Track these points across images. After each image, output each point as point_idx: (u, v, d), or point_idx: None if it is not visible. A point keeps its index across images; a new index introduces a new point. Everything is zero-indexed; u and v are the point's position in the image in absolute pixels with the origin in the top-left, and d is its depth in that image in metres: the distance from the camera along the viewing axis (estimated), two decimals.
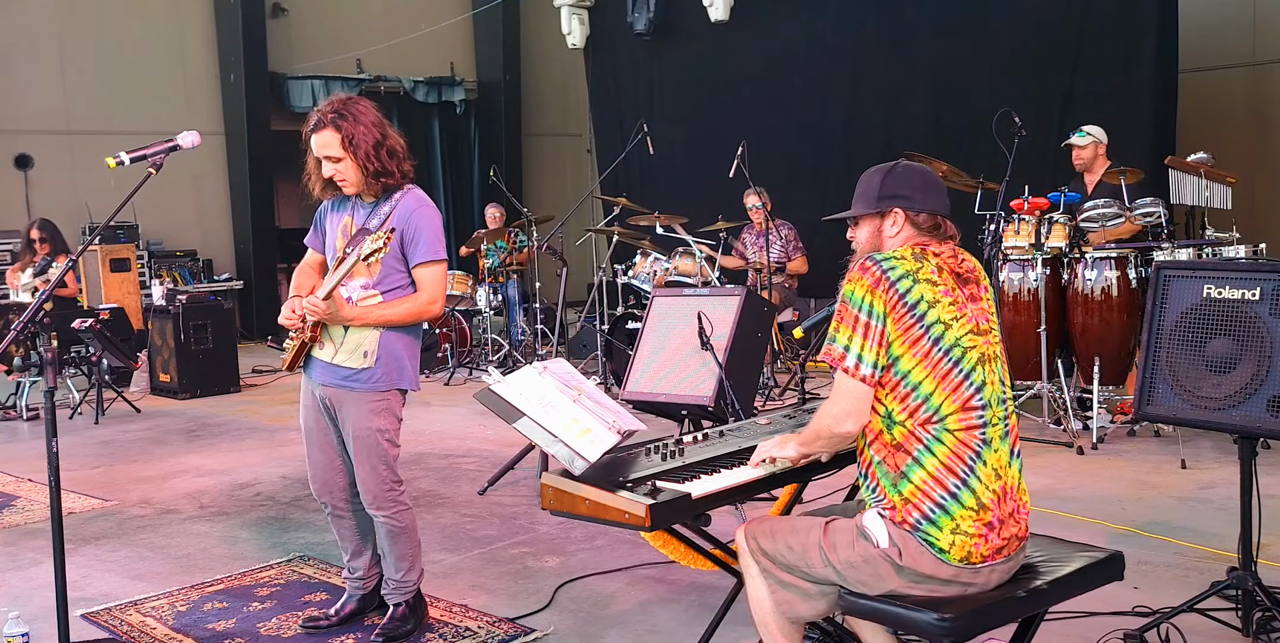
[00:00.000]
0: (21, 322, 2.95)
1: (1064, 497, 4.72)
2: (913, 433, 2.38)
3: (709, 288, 6.90)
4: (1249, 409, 3.02)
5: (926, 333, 2.37)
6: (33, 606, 3.83)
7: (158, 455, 6.48)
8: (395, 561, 3.49)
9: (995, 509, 2.38)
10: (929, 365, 2.37)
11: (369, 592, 3.63)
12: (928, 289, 2.39)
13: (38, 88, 11.03)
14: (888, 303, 2.36)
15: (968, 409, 2.39)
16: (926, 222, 2.51)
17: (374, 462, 3.37)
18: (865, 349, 2.36)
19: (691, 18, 10.21)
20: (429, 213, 3.33)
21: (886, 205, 2.52)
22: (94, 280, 9.72)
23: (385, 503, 3.41)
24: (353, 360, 3.33)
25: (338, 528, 3.59)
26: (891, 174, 2.55)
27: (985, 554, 2.37)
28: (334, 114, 3.25)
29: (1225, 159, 6.30)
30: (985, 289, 2.54)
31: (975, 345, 2.43)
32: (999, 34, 8.47)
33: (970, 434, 2.39)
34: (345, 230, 3.39)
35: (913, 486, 2.37)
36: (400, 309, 3.31)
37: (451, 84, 13.87)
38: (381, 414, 3.36)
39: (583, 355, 8.97)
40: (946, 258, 2.49)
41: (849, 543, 2.43)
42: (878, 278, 2.38)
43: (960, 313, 2.42)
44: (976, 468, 2.38)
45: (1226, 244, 5.63)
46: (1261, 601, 3.12)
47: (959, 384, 2.39)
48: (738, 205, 8.32)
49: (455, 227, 13.87)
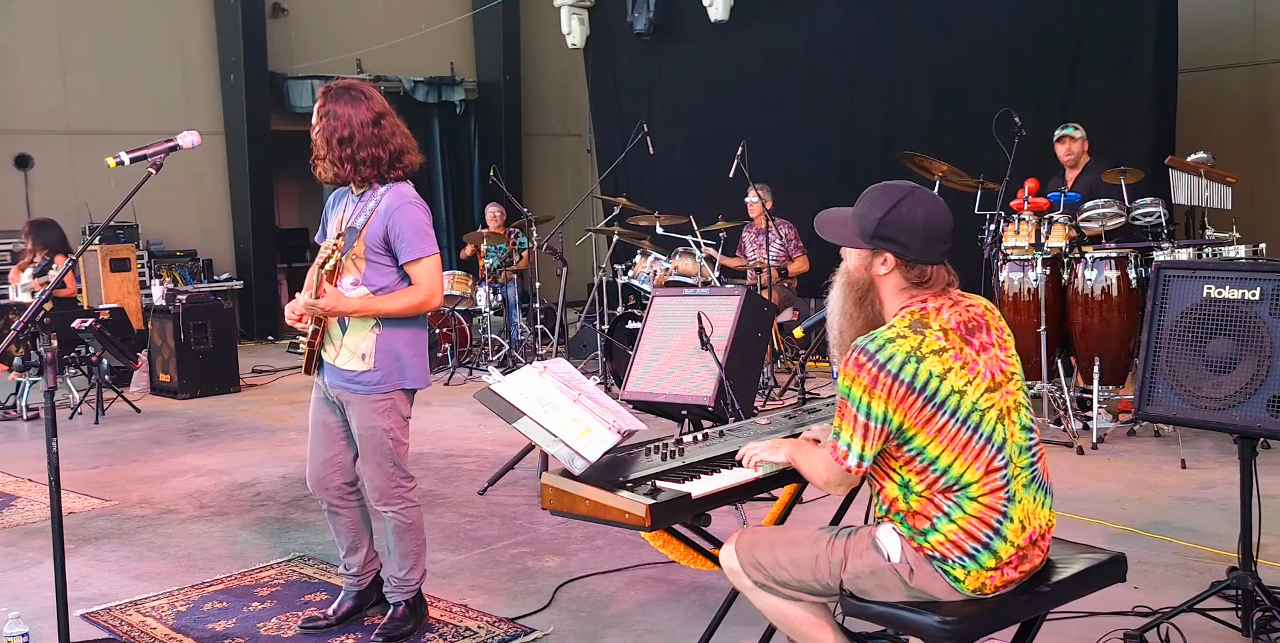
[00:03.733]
0: (21, 322, 2.95)
1: (1064, 497, 4.69)
2: (931, 501, 2.33)
3: (709, 288, 6.90)
4: (1249, 409, 3.01)
5: (941, 409, 2.27)
6: (33, 606, 3.83)
7: (158, 455, 6.48)
8: (399, 558, 3.49)
9: (1019, 555, 2.35)
10: (946, 439, 2.28)
11: (365, 589, 3.63)
12: (935, 364, 2.27)
13: (38, 88, 11.02)
14: (891, 398, 2.26)
15: (990, 472, 2.31)
16: (917, 276, 2.37)
17: (380, 459, 3.38)
18: (867, 448, 2.30)
19: (691, 18, 10.21)
20: (410, 209, 3.31)
21: (880, 246, 2.38)
22: (94, 280, 9.71)
23: (393, 499, 3.42)
24: (352, 363, 3.33)
25: (334, 524, 3.59)
26: (895, 210, 2.37)
27: (999, 586, 2.36)
28: (329, 90, 3.33)
29: (1225, 159, 6.30)
30: (998, 331, 2.43)
31: (993, 403, 2.32)
32: (999, 34, 8.46)
33: (995, 498, 2.31)
34: (339, 225, 3.41)
35: (929, 543, 2.34)
36: (401, 302, 3.30)
37: (451, 84, 13.87)
38: (385, 414, 3.36)
39: (583, 355, 8.97)
40: (947, 314, 2.36)
41: (859, 552, 2.42)
42: (875, 376, 2.26)
43: (973, 374, 2.31)
44: (1003, 528, 2.32)
45: (1226, 244, 5.63)
46: (1261, 601, 3.12)
47: (980, 450, 2.30)
48: (738, 205, 8.32)
49: (455, 226, 13.87)
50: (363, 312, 3.29)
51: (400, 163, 3.36)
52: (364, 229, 3.29)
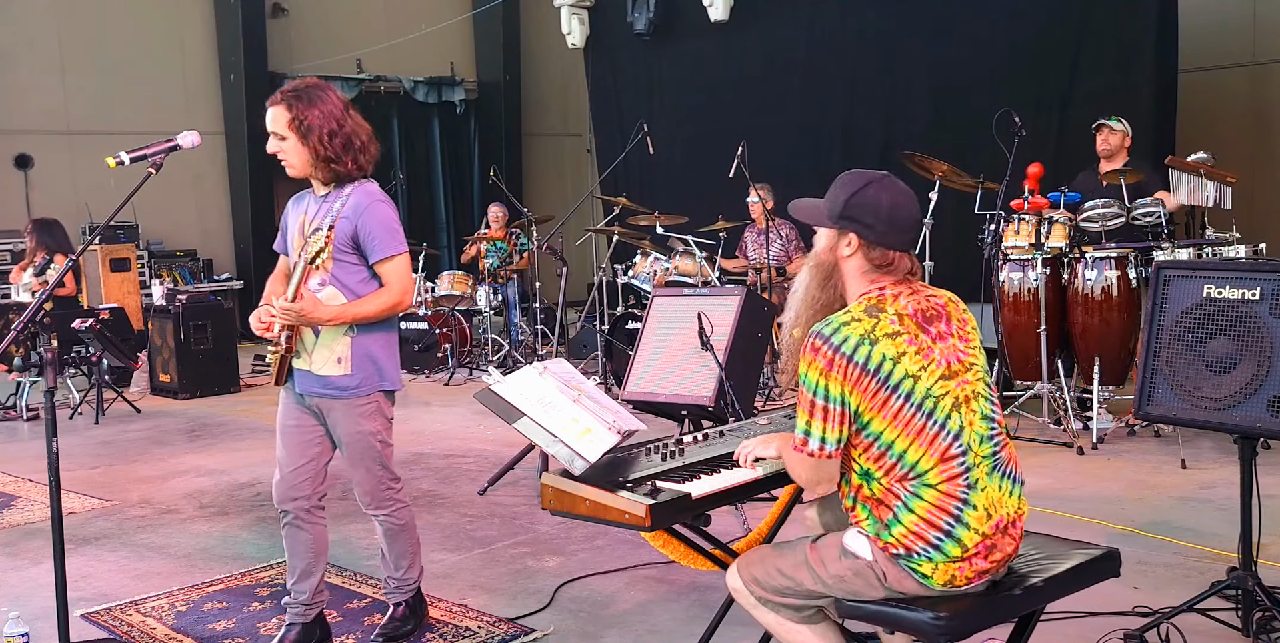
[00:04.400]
0: (21, 322, 2.95)
1: (1064, 497, 4.72)
2: (889, 490, 2.34)
3: (709, 288, 6.90)
4: (1249, 409, 3.02)
5: (895, 392, 2.29)
6: (33, 606, 3.83)
7: (158, 455, 6.48)
8: (395, 558, 3.45)
9: (985, 544, 2.35)
10: (900, 424, 2.30)
11: (310, 622, 3.42)
12: (888, 346, 2.29)
13: (38, 88, 11.03)
14: (846, 380, 2.28)
15: (947, 459, 2.32)
16: (879, 258, 2.39)
17: (368, 463, 3.33)
18: (828, 431, 2.31)
19: (691, 18, 10.21)
20: (380, 207, 3.23)
21: (845, 226, 2.42)
22: (94, 280, 9.72)
23: (383, 502, 3.38)
24: (328, 368, 3.25)
25: (293, 541, 3.40)
26: (864, 191, 2.40)
27: (970, 577, 2.36)
28: (292, 93, 3.21)
29: (1225, 159, 6.30)
30: (959, 322, 2.43)
31: (948, 391, 2.33)
32: (999, 34, 8.46)
33: (954, 485, 2.32)
34: (302, 229, 3.30)
35: (894, 537, 2.35)
36: (373, 305, 3.21)
37: (451, 84, 13.88)
38: (369, 417, 3.30)
39: (583, 355, 8.97)
40: (905, 302, 2.38)
41: (835, 558, 2.43)
42: (830, 359, 2.28)
43: (928, 360, 2.32)
44: (964, 515, 2.32)
45: (1226, 244, 5.62)
46: (1261, 601, 3.12)
47: (935, 436, 2.31)
48: (738, 205, 8.31)
49: (455, 227, 13.88)
50: (339, 319, 3.18)
51: (373, 144, 3.29)
52: (331, 230, 3.19)
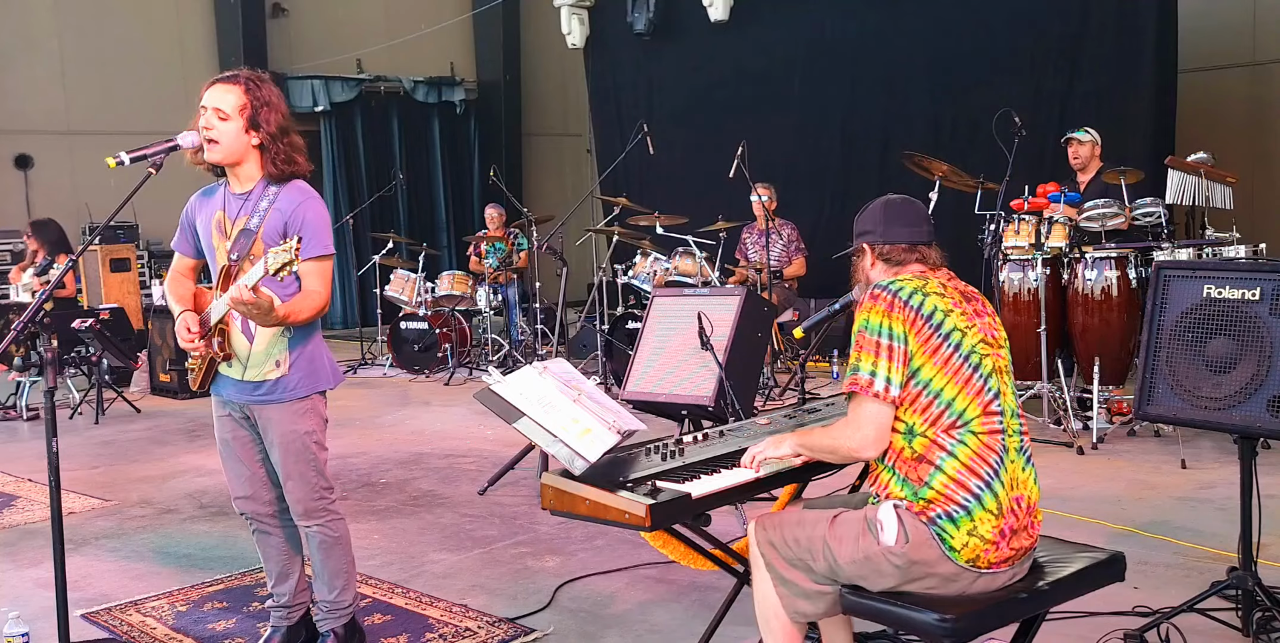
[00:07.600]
0: (21, 322, 2.94)
1: (1064, 497, 4.72)
2: (934, 441, 2.41)
3: (709, 288, 6.90)
4: (1249, 409, 3.02)
5: (946, 340, 2.43)
6: (33, 606, 3.83)
7: (158, 455, 6.48)
8: (329, 578, 3.27)
9: (1011, 518, 2.40)
10: (950, 371, 2.42)
11: (295, 624, 3.37)
12: (939, 300, 2.47)
13: (38, 88, 11.03)
14: (906, 321, 2.42)
15: (989, 413, 2.44)
16: (893, 253, 2.60)
17: (303, 468, 3.16)
18: (892, 371, 2.41)
19: (691, 18, 10.21)
20: (318, 204, 3.14)
21: (857, 242, 2.67)
22: (94, 280, 9.72)
23: (317, 512, 3.21)
24: (264, 373, 3.15)
25: (263, 548, 3.35)
26: (861, 211, 2.68)
27: (992, 561, 2.39)
28: (253, 80, 3.16)
29: (1225, 159, 6.30)
30: (990, 311, 2.60)
31: (989, 354, 2.48)
32: (999, 34, 8.47)
33: (994, 438, 2.43)
34: (220, 226, 3.16)
35: (934, 491, 2.39)
36: (307, 305, 3.08)
37: (451, 84, 13.87)
38: (305, 417, 3.17)
39: (583, 355, 8.97)
40: (945, 280, 2.57)
41: (854, 536, 2.44)
42: (890, 301, 2.44)
43: (971, 323, 2.49)
44: (1000, 471, 2.41)
45: (1226, 244, 5.62)
46: (1261, 601, 3.12)
47: (980, 389, 2.43)
48: (738, 205, 8.32)
49: (455, 227, 13.88)
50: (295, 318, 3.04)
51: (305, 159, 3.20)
52: (259, 230, 3.09)
